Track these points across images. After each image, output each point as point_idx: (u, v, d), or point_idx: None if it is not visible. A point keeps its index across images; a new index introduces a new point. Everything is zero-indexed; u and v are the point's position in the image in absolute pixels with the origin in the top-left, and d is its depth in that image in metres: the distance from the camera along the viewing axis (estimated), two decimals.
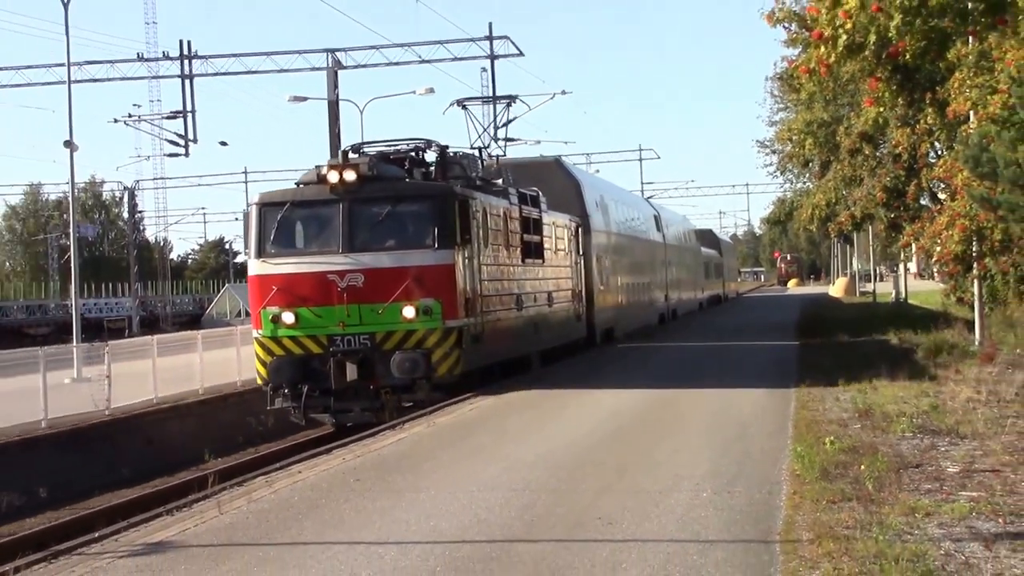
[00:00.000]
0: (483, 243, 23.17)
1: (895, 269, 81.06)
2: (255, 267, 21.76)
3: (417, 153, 24.49)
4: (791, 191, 58.28)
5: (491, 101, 31.25)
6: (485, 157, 28.46)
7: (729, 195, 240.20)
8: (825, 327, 37.43)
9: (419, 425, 18.03)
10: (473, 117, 29.62)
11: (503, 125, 30.78)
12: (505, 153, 30.78)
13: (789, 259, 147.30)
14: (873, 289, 75.83)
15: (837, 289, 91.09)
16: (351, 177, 21.33)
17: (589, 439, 16.01)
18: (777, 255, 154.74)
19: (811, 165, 46.46)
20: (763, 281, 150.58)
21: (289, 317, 21.17)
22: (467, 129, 29.98)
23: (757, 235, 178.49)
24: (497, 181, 26.68)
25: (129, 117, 57.33)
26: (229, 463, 20.71)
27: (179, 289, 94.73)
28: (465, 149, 26.90)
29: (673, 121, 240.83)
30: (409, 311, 20.99)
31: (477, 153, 27.79)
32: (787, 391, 19.97)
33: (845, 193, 41.18)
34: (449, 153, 24.91)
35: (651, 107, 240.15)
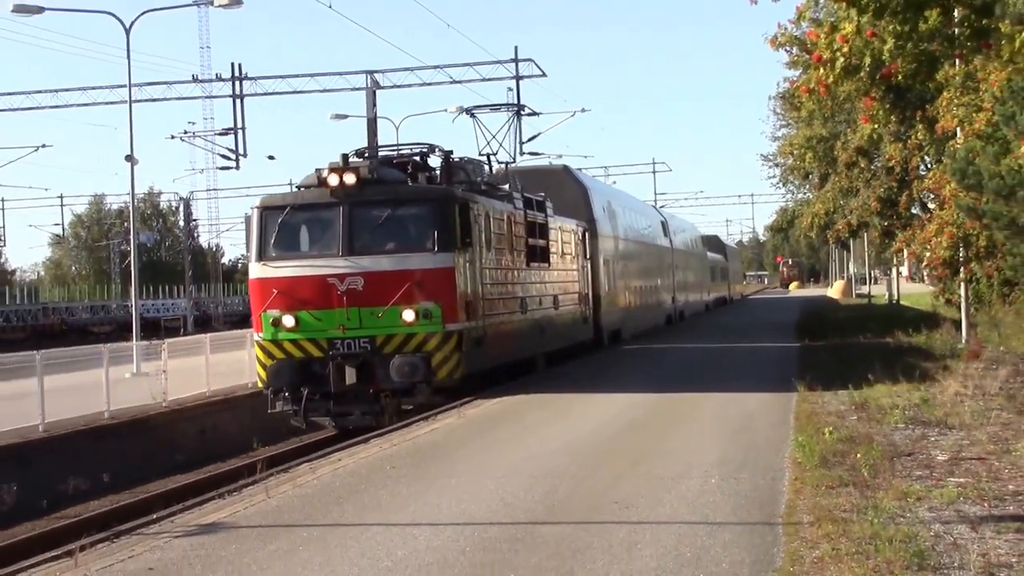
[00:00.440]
0: (485, 247, 21.89)
1: (888, 273, 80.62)
2: (256, 270, 20.53)
3: (421, 158, 23.01)
4: (792, 201, 58.08)
5: (498, 109, 30.65)
6: (494, 164, 27.36)
7: (735, 204, 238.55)
8: (824, 327, 37.33)
9: (450, 417, 18.00)
10: (481, 125, 28.56)
11: (528, 140, 30.11)
12: (515, 160, 29.75)
13: (791, 263, 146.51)
14: (868, 291, 75.53)
15: (835, 291, 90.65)
16: (351, 180, 19.97)
17: (606, 430, 15.98)
18: (780, 260, 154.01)
19: (811, 177, 46.47)
20: (767, 284, 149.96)
21: (289, 320, 19.89)
22: (475, 136, 29.13)
23: (761, 241, 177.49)
24: (503, 187, 25.38)
25: (185, 133, 58.19)
26: (276, 451, 20.66)
27: (230, 291, 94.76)
28: (475, 156, 25.76)
29: (684, 136, 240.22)
30: (409, 315, 19.64)
31: (485, 160, 26.62)
32: (788, 386, 19.88)
33: (842, 203, 41.05)
34: (453, 158, 23.29)
35: (664, 123, 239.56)
